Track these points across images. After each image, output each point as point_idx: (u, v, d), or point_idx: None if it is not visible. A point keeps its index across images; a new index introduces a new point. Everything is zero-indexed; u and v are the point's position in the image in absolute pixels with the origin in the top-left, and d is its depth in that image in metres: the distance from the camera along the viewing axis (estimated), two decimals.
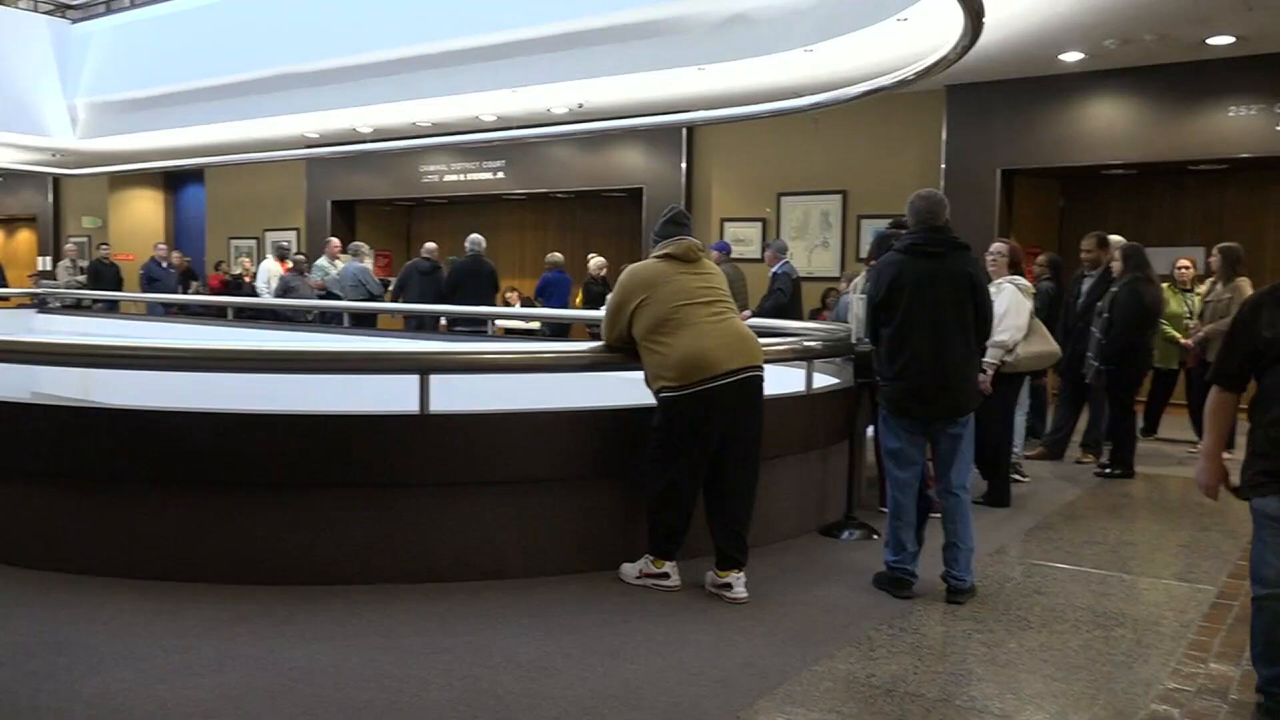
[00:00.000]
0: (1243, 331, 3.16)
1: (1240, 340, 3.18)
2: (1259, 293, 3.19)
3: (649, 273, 4.42)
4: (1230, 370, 3.23)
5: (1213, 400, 3.30)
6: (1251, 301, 3.20)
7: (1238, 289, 7.57)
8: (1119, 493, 6.67)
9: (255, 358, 4.97)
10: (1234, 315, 3.20)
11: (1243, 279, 7.64)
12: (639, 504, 4.51)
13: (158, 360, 4.79)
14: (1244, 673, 3.58)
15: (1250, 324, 3.13)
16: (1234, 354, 3.21)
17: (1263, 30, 8.45)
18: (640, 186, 13.37)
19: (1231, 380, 3.24)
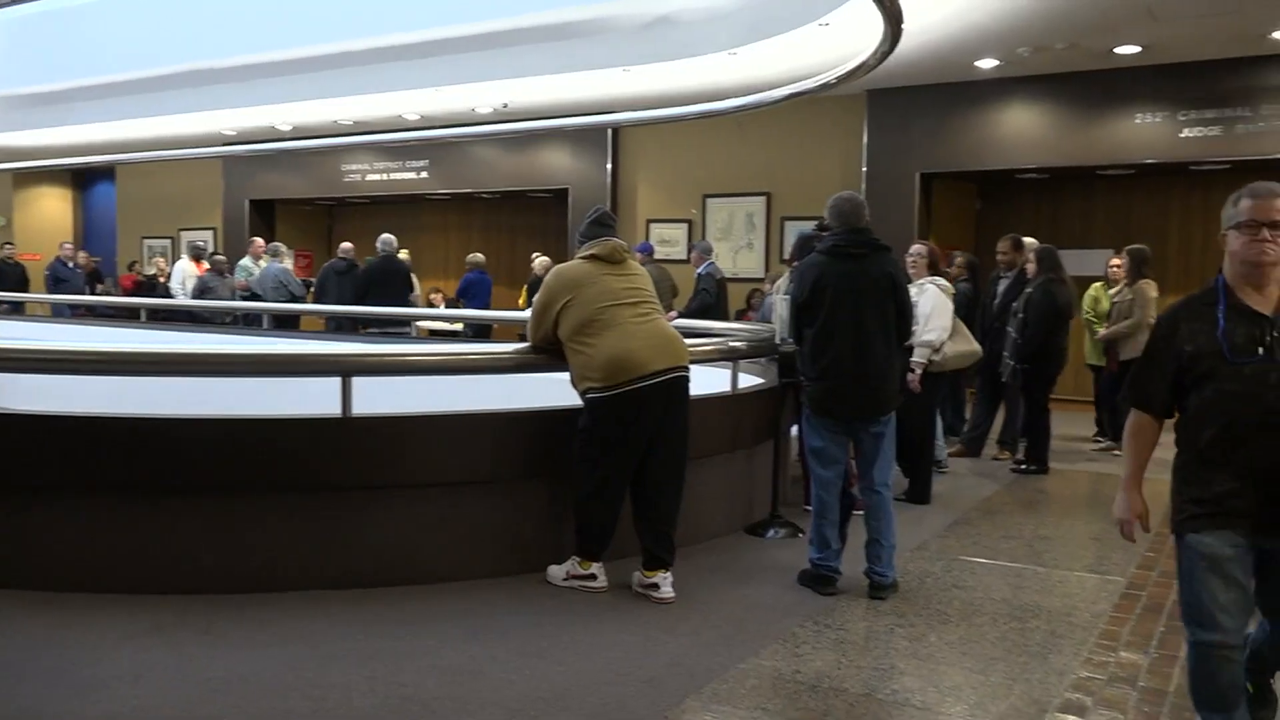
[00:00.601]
0: (1163, 348, 2.79)
1: (1161, 357, 2.80)
2: (1173, 308, 2.85)
3: (574, 274, 4.41)
4: (1151, 391, 2.84)
5: (1132, 424, 2.90)
6: (1167, 318, 2.83)
7: (1140, 291, 7.85)
8: (1034, 488, 6.86)
9: (171, 360, 4.82)
10: (1151, 331, 2.89)
11: (1147, 281, 7.92)
12: (566, 505, 4.50)
13: (66, 363, 4.62)
14: (1152, 660, 3.71)
15: (1170, 339, 2.77)
16: (1154, 373, 2.82)
17: (1166, 41, 8.78)
18: (565, 187, 13.34)
19: (1152, 402, 2.84)
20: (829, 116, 11.34)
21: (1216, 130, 9.60)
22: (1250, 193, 2.70)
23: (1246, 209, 2.67)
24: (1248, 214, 2.67)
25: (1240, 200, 2.71)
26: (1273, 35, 8.57)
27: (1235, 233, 2.70)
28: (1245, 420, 2.64)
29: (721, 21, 9.16)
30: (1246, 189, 2.72)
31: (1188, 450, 2.77)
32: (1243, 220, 2.67)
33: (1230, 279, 2.73)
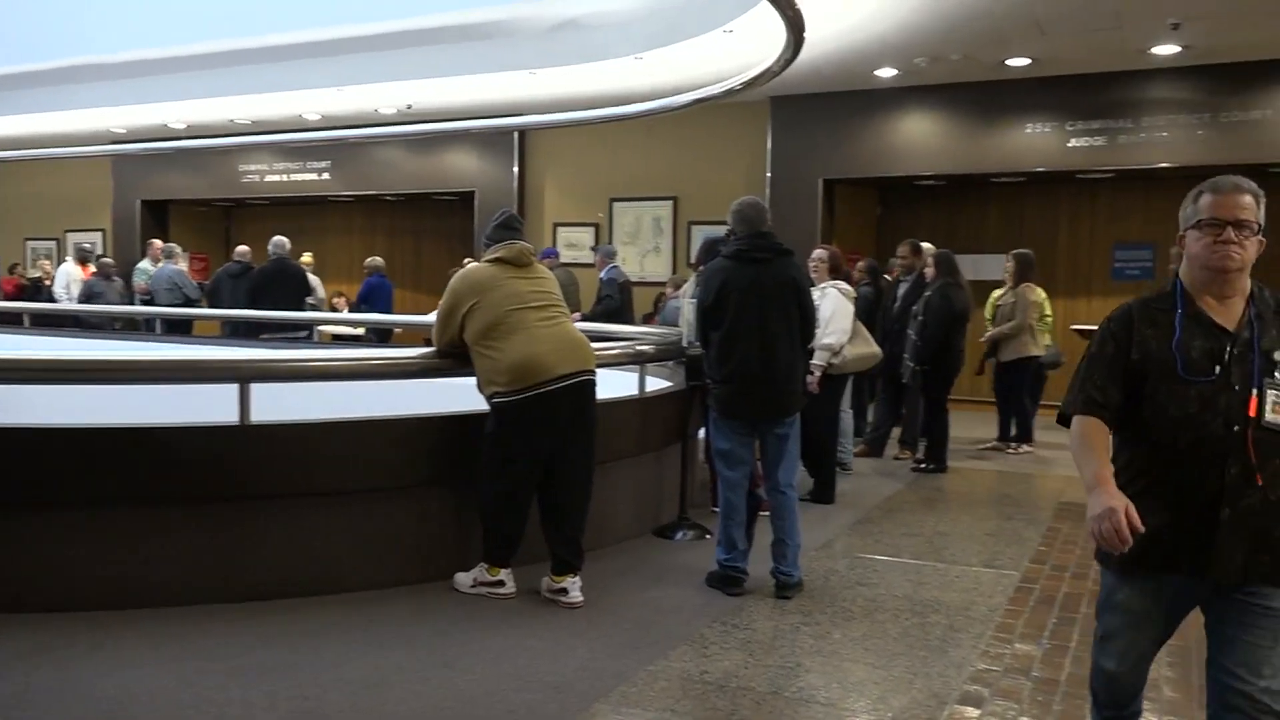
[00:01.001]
0: (1114, 348, 2.39)
1: (1112, 356, 2.39)
2: (1127, 307, 2.45)
3: (480, 277, 4.37)
4: (1103, 395, 2.39)
5: (1081, 429, 2.40)
6: (1122, 316, 2.42)
7: (1022, 294, 8.17)
8: (933, 486, 7.05)
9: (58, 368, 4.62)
10: (1100, 330, 2.46)
11: (1029, 285, 8.24)
12: (473, 511, 4.45)
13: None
14: (1045, 651, 3.85)
15: (1123, 339, 2.38)
16: (1105, 374, 2.39)
17: (1054, 54, 9.12)
18: (472, 190, 13.22)
19: (1105, 408, 2.39)
20: (734, 122, 11.48)
21: (1101, 140, 10.02)
22: (1212, 187, 2.34)
23: (1207, 206, 2.32)
24: (1209, 211, 2.31)
25: (1200, 196, 2.35)
26: (1152, 51, 8.98)
27: (1195, 233, 2.34)
28: (1181, 445, 2.28)
29: (628, 26, 9.20)
30: (1207, 183, 2.36)
31: (1118, 472, 2.38)
32: (1203, 219, 2.32)
33: (1189, 285, 2.37)
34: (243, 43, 10.81)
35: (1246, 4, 7.69)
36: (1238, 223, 2.28)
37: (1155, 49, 8.94)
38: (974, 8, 7.76)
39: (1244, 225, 2.29)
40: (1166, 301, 2.39)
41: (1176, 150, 9.75)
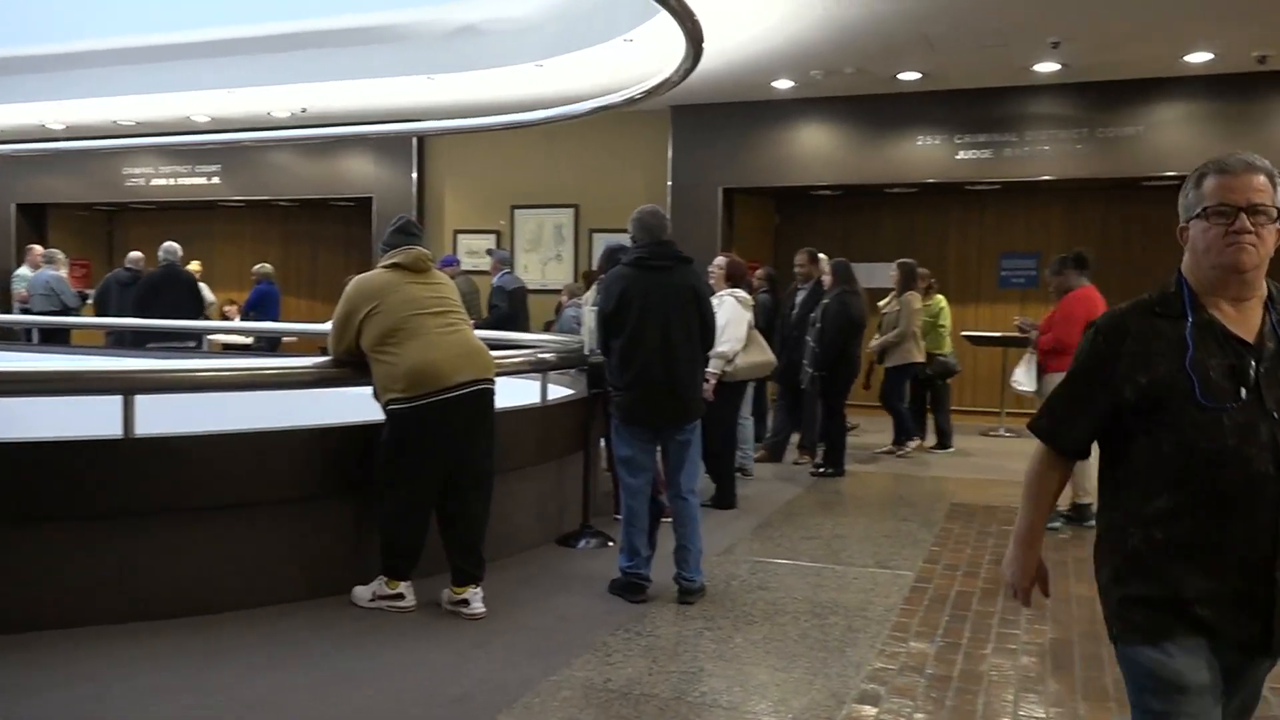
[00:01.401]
0: (1096, 370, 1.97)
1: (1091, 382, 1.98)
2: (1118, 315, 2.00)
3: (377, 282, 4.30)
4: (1068, 426, 2.05)
5: (1037, 463, 2.11)
6: (1108, 328, 1.98)
7: (905, 303, 8.44)
8: (831, 490, 7.19)
9: None
10: (1081, 344, 2.04)
11: (913, 293, 8.51)
12: (371, 523, 4.37)
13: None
14: (938, 649, 3.96)
15: (1109, 359, 1.94)
16: (1078, 402, 2.02)
17: (943, 69, 9.43)
18: (369, 196, 12.99)
19: (1067, 439, 2.05)
20: (635, 130, 11.54)
21: (988, 153, 10.39)
22: (1217, 167, 1.92)
23: (1213, 190, 1.90)
24: (1216, 196, 1.90)
25: (1204, 179, 1.94)
26: (1034, 68, 9.36)
27: (1200, 224, 1.93)
28: (1223, 490, 1.82)
29: (528, 33, 9.17)
30: (1211, 162, 1.95)
31: (1129, 522, 1.93)
32: (1209, 206, 1.90)
33: (1196, 286, 1.95)
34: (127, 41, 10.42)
35: (1120, 26, 8.07)
36: (1252, 208, 1.87)
37: (1037, 66, 9.31)
38: (866, 23, 7.97)
39: (1259, 211, 1.87)
40: (1172, 307, 1.95)
41: (1057, 164, 10.17)
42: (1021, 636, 4.13)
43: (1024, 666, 3.80)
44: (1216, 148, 9.64)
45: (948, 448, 9.02)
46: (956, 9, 7.62)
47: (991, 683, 3.62)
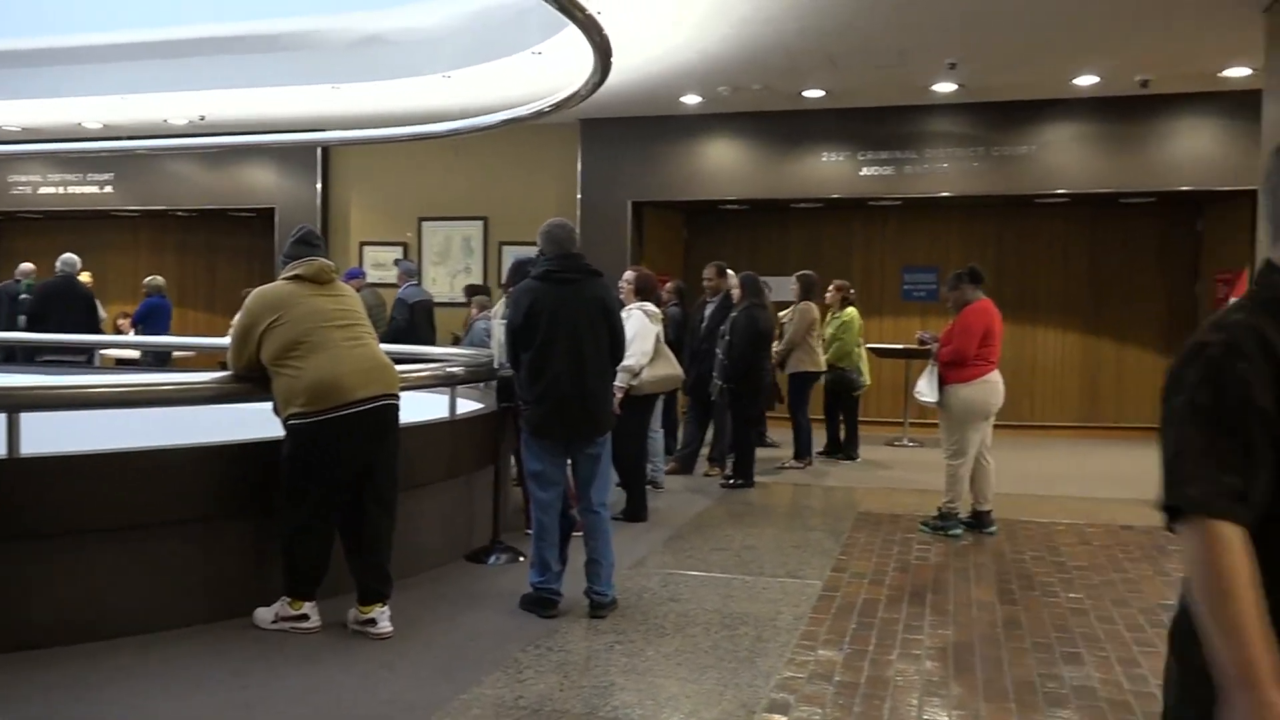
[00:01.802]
0: (1258, 393, 1.43)
1: (1253, 411, 1.43)
2: (1249, 322, 1.49)
3: (278, 294, 4.20)
4: (1242, 486, 1.41)
5: (1214, 544, 1.39)
6: (1247, 336, 1.47)
7: (802, 311, 8.61)
8: (741, 501, 7.27)
9: None
10: (1204, 374, 1.49)
11: (809, 304, 8.69)
12: (272, 543, 4.25)
13: None
14: (846, 656, 4.02)
15: (1268, 378, 1.44)
16: (1240, 443, 1.42)
17: (846, 87, 9.66)
18: (272, 207, 12.70)
19: (1243, 506, 1.41)
20: (545, 143, 11.53)
21: (890, 170, 10.67)
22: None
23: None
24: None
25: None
26: (933, 88, 9.65)
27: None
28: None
29: (435, 44, 9.09)
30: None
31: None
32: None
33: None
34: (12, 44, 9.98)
35: (1014, 48, 8.38)
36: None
37: (935, 86, 9.61)
38: (772, 41, 8.11)
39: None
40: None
41: (955, 181, 10.50)
42: (925, 642, 4.22)
43: (928, 671, 3.89)
44: (1103, 167, 10.13)
45: (852, 458, 9.19)
46: (858, 29, 7.82)
47: (897, 687, 3.70)
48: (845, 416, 9.38)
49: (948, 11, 7.44)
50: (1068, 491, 7.72)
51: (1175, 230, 11.12)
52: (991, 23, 7.69)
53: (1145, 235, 11.21)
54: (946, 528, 6.14)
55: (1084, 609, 4.70)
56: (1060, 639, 4.26)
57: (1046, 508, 7.04)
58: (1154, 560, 5.66)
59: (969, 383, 6.09)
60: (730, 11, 7.43)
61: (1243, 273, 9.47)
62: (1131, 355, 11.29)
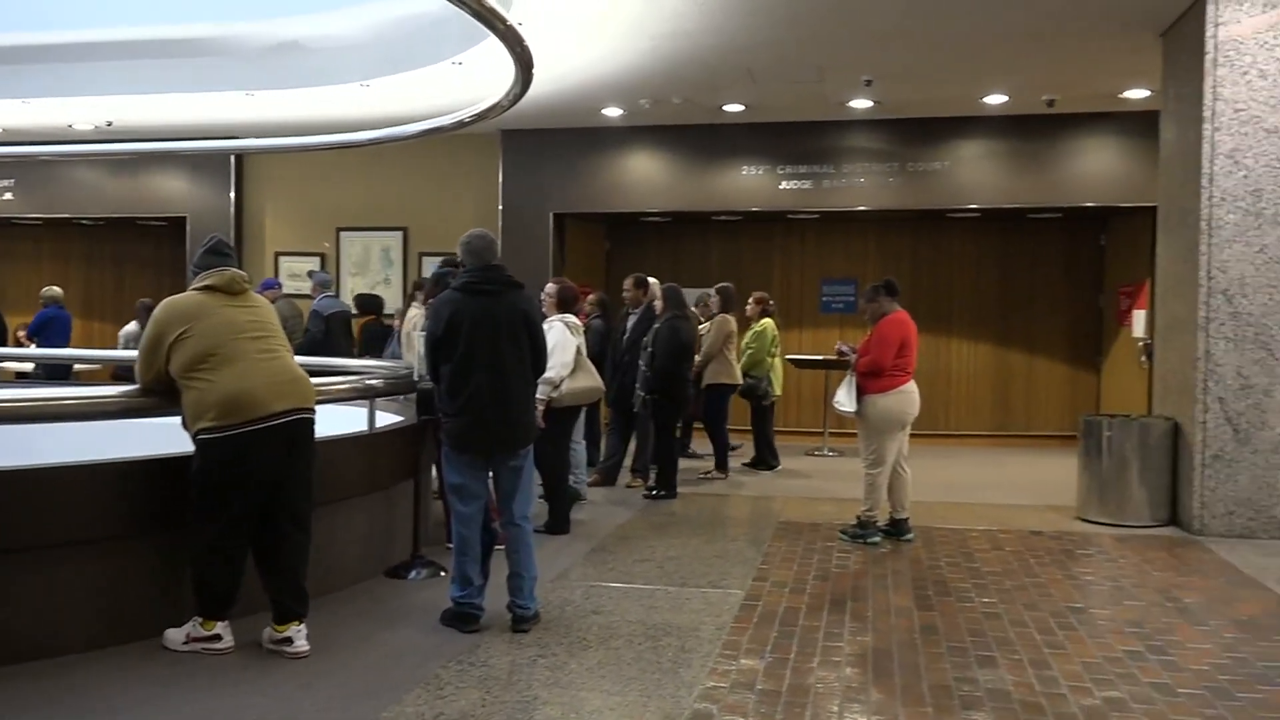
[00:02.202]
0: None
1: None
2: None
3: (188, 305, 4.08)
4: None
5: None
6: None
7: (718, 324, 8.72)
8: (664, 512, 7.28)
9: None
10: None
11: (726, 316, 8.80)
12: (183, 561, 4.12)
13: None
14: (768, 664, 4.05)
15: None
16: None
17: (765, 101, 9.80)
18: (183, 216, 12.37)
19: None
20: (466, 154, 11.46)
21: (808, 184, 10.85)
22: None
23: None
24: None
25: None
26: (849, 104, 9.85)
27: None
28: None
29: (354, 51, 8.97)
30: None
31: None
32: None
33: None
34: None
35: (927, 66, 8.60)
36: None
37: (852, 102, 9.81)
38: (691, 55, 8.19)
39: None
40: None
41: (871, 195, 10.72)
42: (845, 648, 4.28)
43: (848, 677, 3.94)
44: (1012, 183, 10.44)
45: (770, 468, 9.27)
46: (776, 45, 7.94)
47: (818, 694, 3.74)
48: (756, 426, 9.47)
49: (863, 30, 7.61)
50: (981, 499, 7.91)
51: (1080, 245, 11.53)
52: (905, 42, 7.88)
53: (1052, 249, 11.60)
54: (865, 536, 6.24)
55: (997, 613, 4.81)
56: (975, 643, 4.36)
57: (961, 515, 7.21)
58: (1063, 564, 5.83)
59: (886, 393, 6.21)
60: (649, 26, 7.49)
61: (1143, 285, 9.86)
62: (1041, 365, 11.64)
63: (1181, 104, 6.97)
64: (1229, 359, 6.50)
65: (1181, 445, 6.78)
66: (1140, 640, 4.40)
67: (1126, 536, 6.53)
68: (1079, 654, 4.22)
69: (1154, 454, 6.82)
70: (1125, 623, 4.67)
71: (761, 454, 9.37)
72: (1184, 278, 6.82)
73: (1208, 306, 6.54)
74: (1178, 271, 6.98)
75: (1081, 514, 7.06)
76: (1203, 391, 6.53)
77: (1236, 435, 6.48)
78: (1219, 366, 6.51)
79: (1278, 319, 6.43)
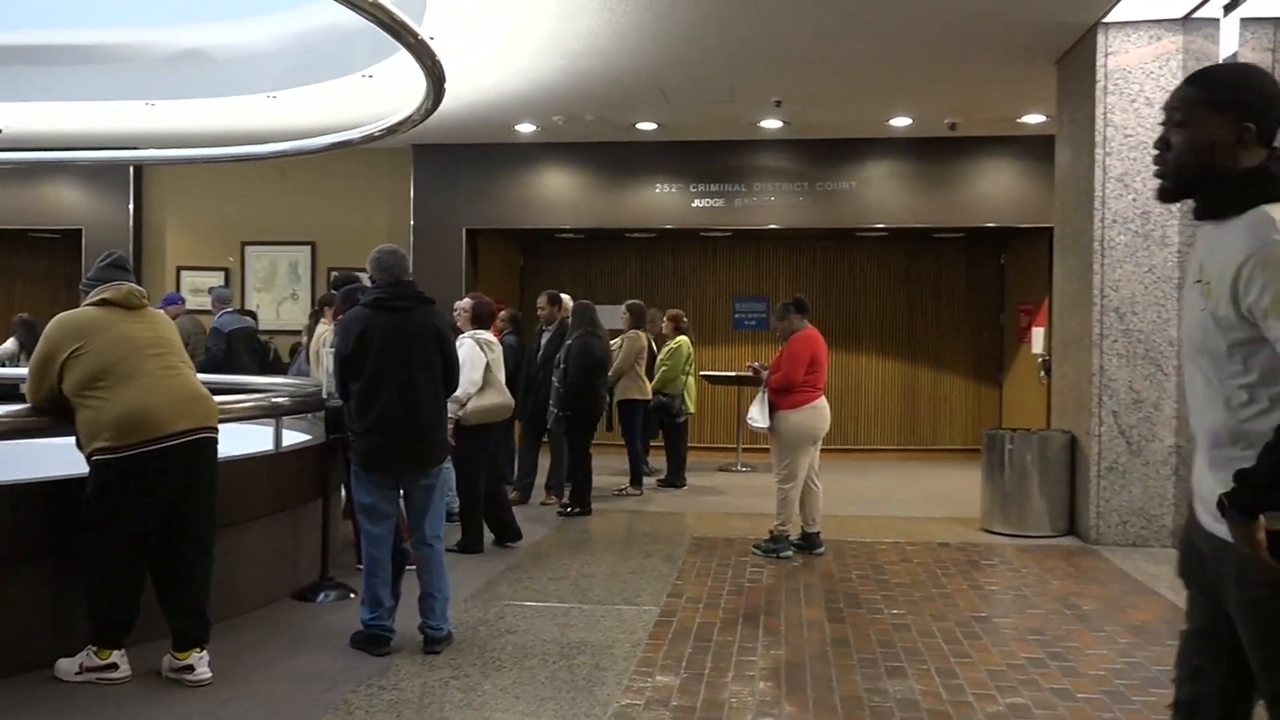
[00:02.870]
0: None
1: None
2: None
3: (82, 320, 3.93)
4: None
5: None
6: None
7: (630, 340, 8.77)
8: (579, 529, 7.26)
9: None
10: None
11: (638, 332, 8.84)
12: (76, 588, 3.95)
13: None
14: (683, 680, 4.06)
15: None
16: None
17: (677, 120, 9.89)
18: (79, 228, 11.91)
19: None
20: (376, 168, 11.30)
21: (720, 202, 10.97)
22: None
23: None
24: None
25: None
26: (760, 124, 10.00)
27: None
28: None
29: (260, 62, 8.78)
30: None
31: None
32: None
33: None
34: None
35: (835, 88, 8.80)
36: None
37: (763, 122, 9.96)
38: (604, 73, 8.23)
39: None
40: None
41: (781, 214, 10.89)
42: (759, 663, 4.32)
43: (761, 691, 3.97)
44: (918, 204, 10.72)
45: (676, 485, 9.26)
46: (687, 65, 8.03)
47: (732, 709, 3.76)
48: (668, 443, 9.50)
49: (773, 53, 7.74)
50: (890, 512, 8.08)
51: (982, 263, 11.89)
52: (813, 66, 8.05)
53: (956, 268, 11.94)
54: (778, 550, 6.31)
55: (906, 624, 4.91)
56: (885, 654, 4.44)
57: (871, 528, 7.34)
58: (968, 575, 5.98)
59: (798, 409, 6.30)
60: (563, 44, 7.50)
61: (1042, 303, 10.21)
62: (946, 381, 11.96)
63: (1075, 129, 7.25)
64: (1121, 374, 6.77)
65: (1078, 458, 7.02)
66: (1041, 647, 4.54)
67: (1028, 547, 6.73)
68: (984, 662, 4.33)
69: (1053, 466, 7.06)
70: (1027, 631, 4.81)
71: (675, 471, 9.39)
72: (1079, 296, 7.09)
73: (1101, 324, 6.80)
74: (1073, 290, 7.25)
75: (985, 525, 7.26)
76: (1097, 405, 6.79)
77: (1129, 447, 6.74)
78: (1112, 381, 6.78)
79: (1166, 335, 6.72)
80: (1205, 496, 2.02)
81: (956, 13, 6.77)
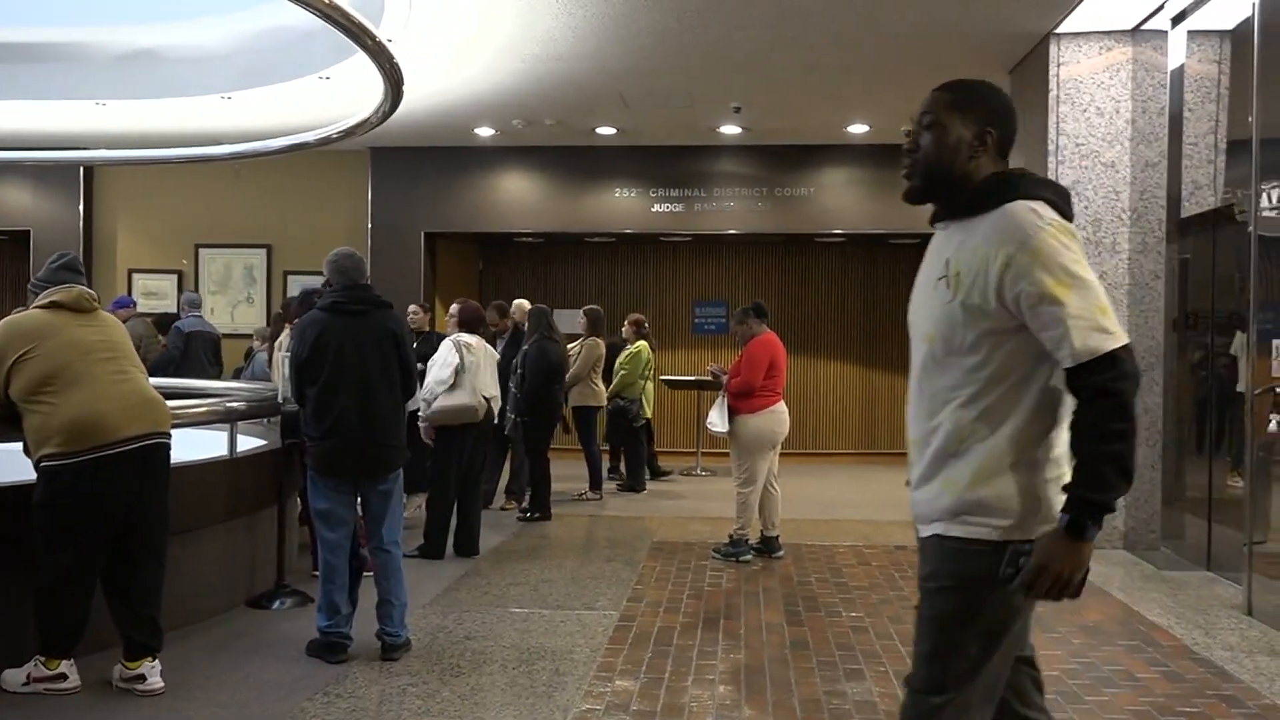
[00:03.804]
0: None
1: None
2: None
3: (31, 324, 3.86)
4: None
5: None
6: None
7: (588, 347, 8.78)
8: (539, 534, 7.23)
9: None
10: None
11: (595, 339, 8.83)
12: (23, 597, 3.86)
13: None
14: (642, 684, 4.06)
15: None
16: None
17: (637, 126, 9.91)
18: (27, 229, 11.67)
19: None
20: (333, 170, 11.20)
21: (680, 207, 11.01)
22: None
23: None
24: None
25: None
26: (719, 130, 10.05)
27: None
28: None
29: (214, 62, 8.66)
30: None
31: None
32: None
33: None
34: None
35: (794, 95, 8.86)
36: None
37: (722, 128, 10.01)
38: (564, 77, 8.22)
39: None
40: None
41: (740, 219, 10.95)
42: (719, 666, 4.33)
43: (721, 695, 3.98)
44: (875, 210, 10.82)
45: (636, 490, 9.26)
46: (648, 72, 8.05)
47: (692, 713, 3.77)
48: (625, 448, 9.50)
49: (731, 60, 7.78)
50: (848, 515, 8.14)
51: None
52: (771, 73, 8.10)
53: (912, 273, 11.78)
54: (738, 554, 6.33)
55: (864, 627, 4.95)
56: (843, 656, 4.47)
57: (829, 531, 7.39)
58: None
59: (757, 413, 6.33)
60: (522, 48, 7.49)
61: None
62: (903, 385, 11.97)
63: (1028, 138, 7.36)
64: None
65: None
66: None
67: None
68: None
69: None
70: None
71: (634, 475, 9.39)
72: None
73: None
74: None
75: None
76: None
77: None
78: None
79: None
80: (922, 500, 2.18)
81: (913, 22, 6.85)
